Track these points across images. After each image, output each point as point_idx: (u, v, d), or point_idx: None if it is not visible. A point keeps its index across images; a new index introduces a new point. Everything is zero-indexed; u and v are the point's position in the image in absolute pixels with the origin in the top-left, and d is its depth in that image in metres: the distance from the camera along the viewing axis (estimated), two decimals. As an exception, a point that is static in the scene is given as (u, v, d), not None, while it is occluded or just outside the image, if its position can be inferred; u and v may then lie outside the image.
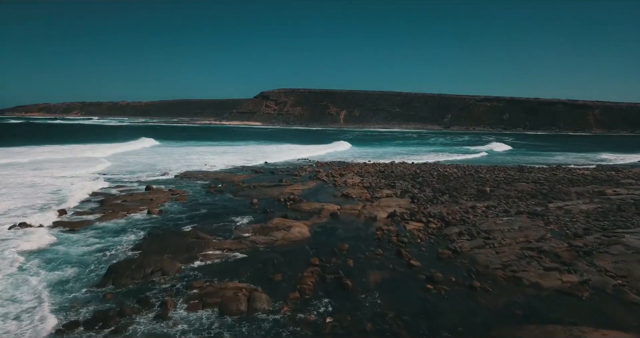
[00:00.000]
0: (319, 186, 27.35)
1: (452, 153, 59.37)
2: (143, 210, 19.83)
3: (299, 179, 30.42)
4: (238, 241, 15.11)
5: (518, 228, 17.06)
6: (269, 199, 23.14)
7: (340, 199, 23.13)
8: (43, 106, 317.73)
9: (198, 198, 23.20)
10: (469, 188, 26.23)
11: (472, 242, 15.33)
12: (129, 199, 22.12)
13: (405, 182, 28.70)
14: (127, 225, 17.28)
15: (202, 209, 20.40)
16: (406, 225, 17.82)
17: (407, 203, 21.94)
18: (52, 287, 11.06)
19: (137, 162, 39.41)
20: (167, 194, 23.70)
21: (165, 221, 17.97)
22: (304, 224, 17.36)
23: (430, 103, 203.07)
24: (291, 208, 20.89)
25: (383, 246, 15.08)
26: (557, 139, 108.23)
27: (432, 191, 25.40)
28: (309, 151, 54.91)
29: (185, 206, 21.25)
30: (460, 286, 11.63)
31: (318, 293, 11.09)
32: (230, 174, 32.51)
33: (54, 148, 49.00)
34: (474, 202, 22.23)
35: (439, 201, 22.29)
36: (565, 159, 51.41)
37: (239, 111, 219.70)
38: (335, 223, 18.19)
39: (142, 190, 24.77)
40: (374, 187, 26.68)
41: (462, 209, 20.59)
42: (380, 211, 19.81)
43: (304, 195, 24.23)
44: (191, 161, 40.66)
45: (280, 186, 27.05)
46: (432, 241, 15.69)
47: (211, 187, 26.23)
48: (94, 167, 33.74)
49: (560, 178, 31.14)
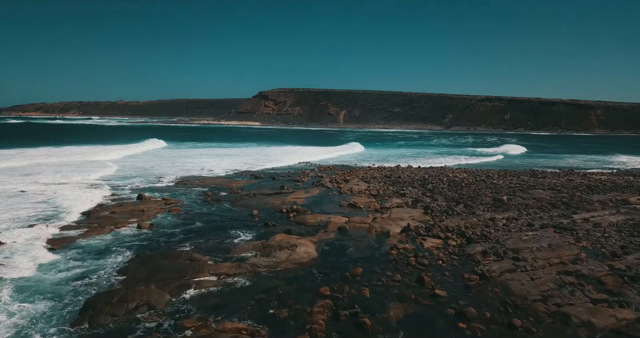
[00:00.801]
0: (323, 194, 25.63)
1: (460, 155, 56.99)
2: (133, 224, 18.10)
3: (302, 185, 28.69)
4: (237, 264, 13.37)
5: (548, 246, 15.37)
6: (270, 209, 21.42)
7: (347, 210, 21.42)
8: (40, 106, 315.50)
9: (194, 208, 21.47)
10: (484, 197, 24.56)
11: (501, 264, 13.62)
12: (119, 210, 20.35)
13: (415, 189, 27.00)
14: (113, 242, 15.53)
15: (198, 222, 18.66)
16: (423, 241, 16.11)
17: (421, 215, 20.24)
18: (16, 329, 9.32)
19: (143, 166, 37.77)
20: (160, 204, 21.97)
21: (155, 238, 16.22)
22: (309, 241, 15.64)
23: (431, 103, 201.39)
24: (294, 221, 19.17)
25: (401, 269, 13.36)
26: (561, 140, 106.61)
27: (445, 200, 23.70)
28: (315, 154, 52.58)
29: (179, 218, 19.52)
30: (498, 324, 9.92)
31: (332, 336, 9.37)
32: (229, 180, 30.76)
33: (59, 151, 47.40)
34: (492, 213, 20.54)
35: (454, 212, 20.58)
36: (577, 162, 49.73)
37: (238, 111, 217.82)
38: (344, 240, 16.46)
39: (134, 199, 23.06)
40: (382, 195, 24.97)
41: (481, 222, 18.91)
42: (393, 225, 18.09)
43: (307, 205, 22.52)
44: (194, 164, 38.92)
45: (281, 194, 25.32)
46: (455, 263, 13.97)
47: (208, 195, 24.49)
48: (99, 172, 32.38)
49: (577, 184, 29.46)
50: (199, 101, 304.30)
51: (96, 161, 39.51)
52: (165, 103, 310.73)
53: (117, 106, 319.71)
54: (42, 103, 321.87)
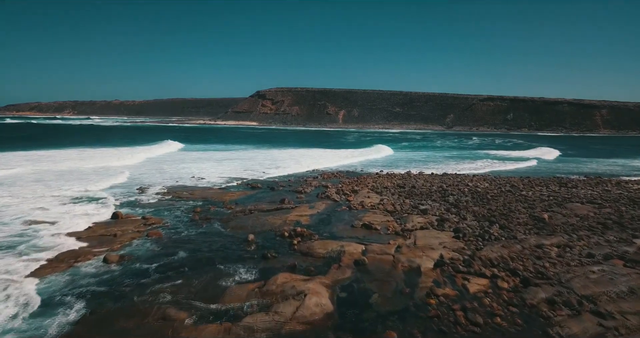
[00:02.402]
0: (330, 210, 22.14)
1: (476, 160, 52.75)
2: (100, 255, 14.56)
3: (305, 198, 25.16)
4: (226, 327, 9.84)
5: (629, 291, 11.89)
6: (270, 232, 17.90)
7: (362, 233, 17.92)
8: (35, 105, 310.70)
9: (178, 231, 17.93)
10: (517, 213, 21.10)
11: (581, 324, 10.12)
12: (85, 235, 16.80)
13: (436, 203, 23.53)
14: (66, 287, 11.97)
15: (181, 252, 15.12)
16: (466, 283, 12.61)
17: (451, 240, 16.75)
18: None
19: (162, 170, 35.73)
20: (138, 226, 18.45)
21: (123, 279, 12.66)
22: (321, 285, 12.12)
23: (432, 103, 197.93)
24: (299, 250, 15.64)
25: (449, 332, 9.85)
26: (569, 141, 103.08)
27: (475, 218, 20.25)
28: (331, 159, 48.01)
29: (158, 245, 15.97)
30: None
31: None
32: (222, 191, 27.16)
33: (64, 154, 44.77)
34: (537, 237, 17.03)
35: (491, 236, 17.07)
36: (601, 168, 46.13)
37: (235, 111, 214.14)
38: (364, 280, 12.95)
39: (109, 218, 19.54)
40: (400, 211, 21.49)
41: (528, 250, 15.44)
42: (423, 257, 14.58)
43: (313, 225, 19.02)
44: (183, 171, 35.32)
45: (282, 210, 21.80)
46: (518, 320, 10.44)
47: (196, 212, 20.95)
48: (111, 179, 29.66)
49: (616, 195, 26.01)
50: (195, 101, 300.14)
51: (115, 168, 35.79)
52: (161, 103, 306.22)
53: (113, 106, 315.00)
54: (37, 102, 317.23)
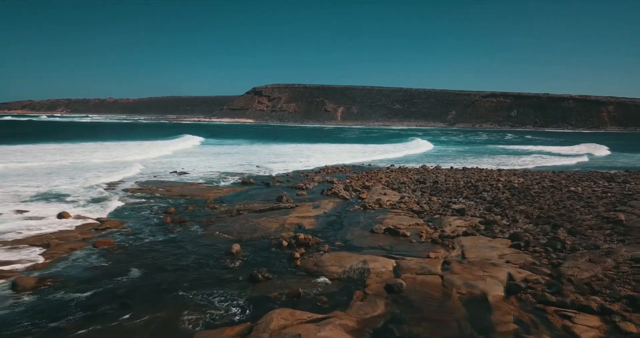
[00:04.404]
0: (340, 209, 17.55)
1: (510, 155, 48.13)
2: (10, 277, 9.91)
3: (307, 195, 20.55)
4: None
5: None
6: (262, 240, 13.28)
7: (387, 241, 13.30)
8: (27, 103, 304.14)
9: (138, 238, 13.28)
10: (578, 213, 16.51)
11: None
12: (14, 240, 12.11)
13: (470, 201, 18.98)
14: None
15: (132, 272, 10.47)
16: (568, 324, 7.99)
17: (512, 250, 12.17)
18: None
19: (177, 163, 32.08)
20: (86, 231, 13.81)
21: (25, 320, 7.98)
22: (341, 330, 7.47)
23: (433, 99, 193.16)
24: (304, 267, 10.99)
25: None
26: (583, 138, 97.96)
27: (529, 219, 15.68)
28: (354, 154, 43.77)
29: (106, 259, 11.33)
30: None
31: None
32: (207, 187, 22.50)
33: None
34: (627, 247, 12.41)
35: (564, 246, 12.44)
36: (635, 163, 42.01)
37: (230, 108, 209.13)
38: (406, 319, 8.27)
39: (54, 217, 14.92)
40: (429, 211, 16.92)
41: (627, 267, 10.84)
42: (487, 279, 9.94)
43: (320, 230, 14.41)
44: (167, 165, 30.61)
45: (279, 210, 17.15)
46: None
47: (169, 214, 16.27)
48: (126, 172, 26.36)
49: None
50: (190, 99, 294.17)
51: (130, 162, 31.48)
52: (155, 100, 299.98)
53: (107, 104, 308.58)
54: (29, 101, 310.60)
